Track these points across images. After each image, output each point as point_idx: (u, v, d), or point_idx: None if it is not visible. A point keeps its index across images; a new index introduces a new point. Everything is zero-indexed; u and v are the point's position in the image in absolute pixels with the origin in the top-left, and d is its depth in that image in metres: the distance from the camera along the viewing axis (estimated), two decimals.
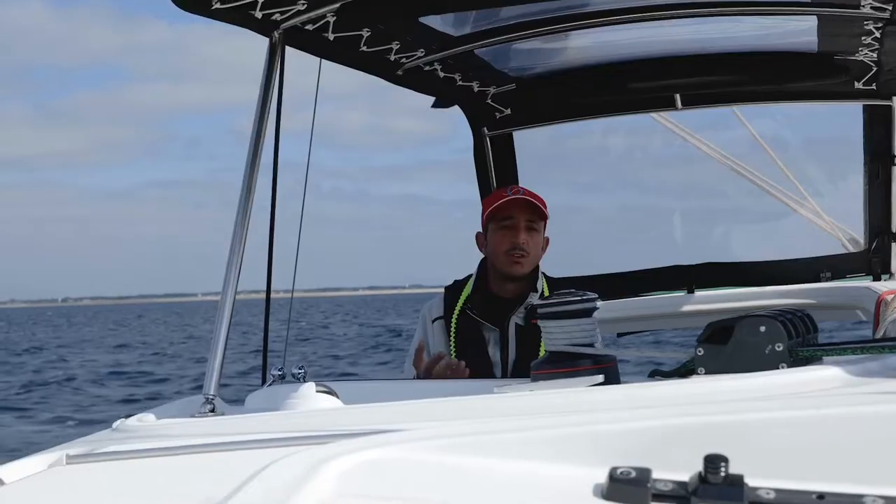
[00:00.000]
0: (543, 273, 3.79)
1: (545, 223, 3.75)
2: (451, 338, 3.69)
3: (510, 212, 3.68)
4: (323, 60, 3.40)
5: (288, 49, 3.03)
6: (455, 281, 3.84)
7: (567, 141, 5.15)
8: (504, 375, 3.62)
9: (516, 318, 3.66)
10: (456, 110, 4.59)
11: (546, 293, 3.68)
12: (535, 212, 3.68)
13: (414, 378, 3.59)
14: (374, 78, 3.74)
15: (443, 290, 3.84)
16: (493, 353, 3.66)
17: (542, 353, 3.55)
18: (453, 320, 3.70)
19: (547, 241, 3.81)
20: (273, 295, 3.18)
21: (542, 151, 5.01)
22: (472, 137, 4.71)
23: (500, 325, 3.68)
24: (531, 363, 2.40)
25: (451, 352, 3.67)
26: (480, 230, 3.83)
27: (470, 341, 3.67)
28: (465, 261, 3.88)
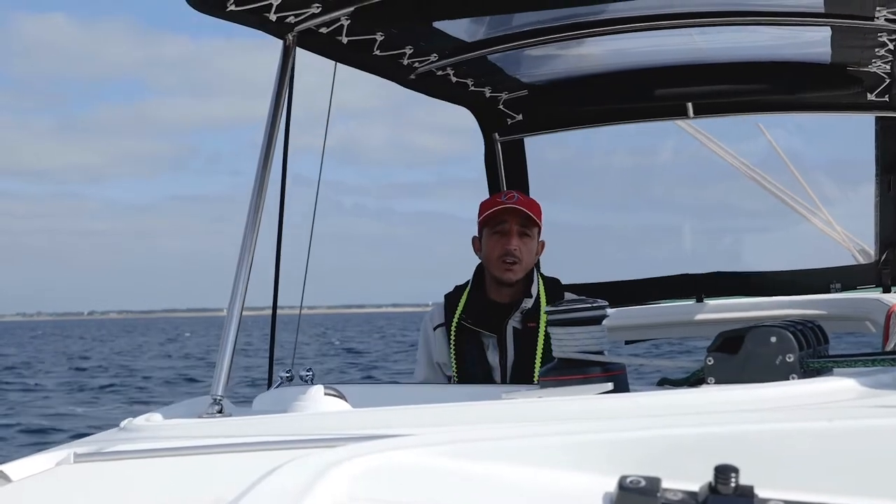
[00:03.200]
0: (541, 275, 3.80)
1: (539, 229, 3.77)
2: (451, 345, 3.72)
3: (503, 218, 3.71)
4: (337, 65, 3.41)
5: (307, 58, 3.04)
6: (455, 287, 3.85)
7: (579, 150, 5.15)
8: (503, 380, 3.65)
9: (513, 322, 3.68)
10: (477, 128, 4.62)
11: (543, 296, 3.69)
12: (527, 218, 3.70)
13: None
14: (394, 94, 3.78)
15: (443, 297, 3.86)
16: (492, 358, 3.68)
17: (538, 356, 3.57)
18: (452, 327, 3.72)
19: (542, 245, 3.82)
20: (291, 311, 3.21)
21: (553, 160, 5.01)
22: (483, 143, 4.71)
23: (498, 330, 3.69)
24: (540, 369, 2.40)
25: (451, 358, 3.70)
26: (476, 235, 3.84)
27: (469, 348, 3.71)
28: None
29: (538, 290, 3.72)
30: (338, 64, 3.45)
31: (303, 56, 3.06)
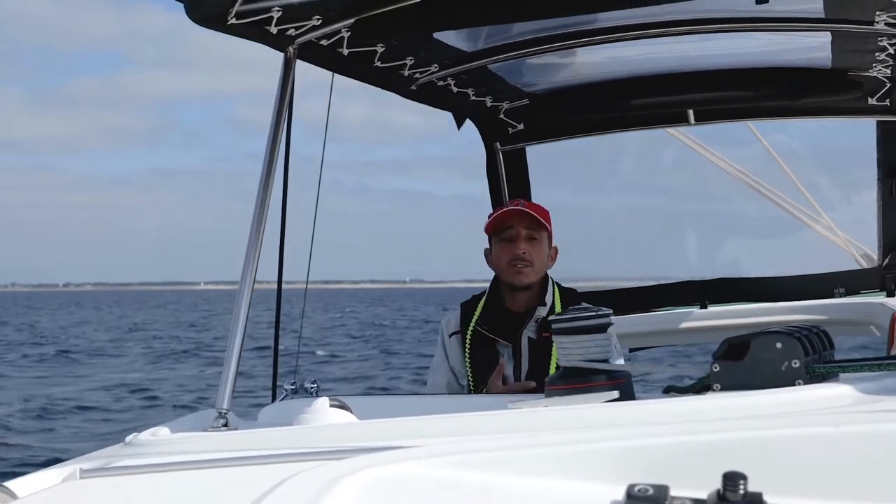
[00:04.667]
0: (557, 283, 3.79)
1: (549, 233, 3.75)
2: (466, 353, 3.70)
3: (509, 223, 3.69)
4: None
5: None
6: (473, 296, 3.85)
7: (579, 154, 5.15)
8: None
9: (528, 332, 3.66)
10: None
11: (558, 304, 3.67)
12: (534, 221, 3.68)
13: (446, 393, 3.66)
14: None
15: (459, 305, 3.86)
16: (507, 367, 3.66)
17: (552, 367, 3.56)
18: (468, 336, 3.71)
19: (556, 250, 3.80)
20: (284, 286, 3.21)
21: (554, 166, 5.01)
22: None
23: (513, 339, 3.67)
24: (545, 378, 2.39)
25: (466, 367, 3.68)
26: (488, 247, 3.83)
27: (484, 356, 3.68)
28: (464, 257, 3.87)
29: (553, 299, 3.71)
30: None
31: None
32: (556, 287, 3.76)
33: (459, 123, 4.49)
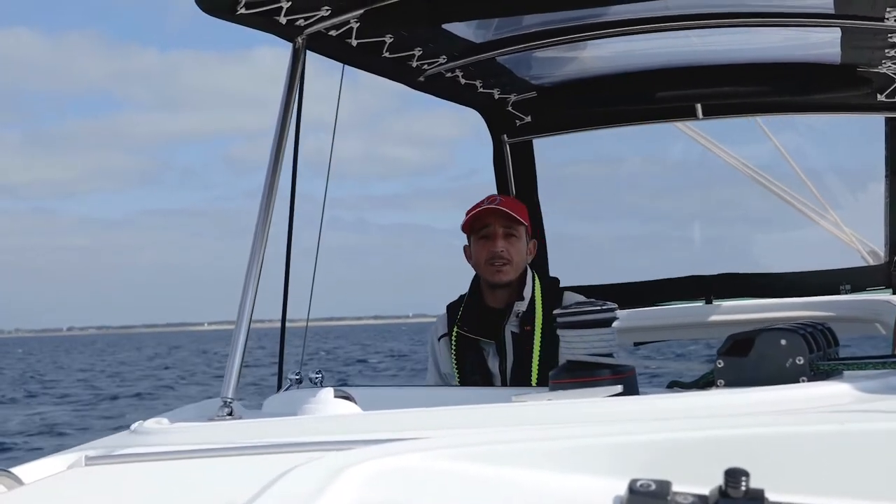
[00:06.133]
0: (535, 274, 3.79)
1: (526, 228, 3.74)
2: (453, 354, 3.72)
3: (486, 221, 3.69)
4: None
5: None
6: (459, 296, 3.86)
7: (586, 150, 5.14)
8: (504, 385, 3.64)
9: (510, 327, 3.68)
10: (457, 142, 4.61)
11: (539, 297, 3.67)
12: (510, 219, 3.67)
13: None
14: (367, 105, 3.74)
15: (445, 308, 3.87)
16: (493, 364, 3.67)
17: (535, 360, 3.56)
18: (453, 337, 3.72)
19: (535, 244, 3.82)
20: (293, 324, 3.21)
21: (560, 163, 5.01)
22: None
23: (496, 335, 3.68)
24: (550, 372, 2.39)
25: (454, 367, 3.71)
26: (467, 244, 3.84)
27: (469, 356, 3.71)
28: (464, 289, 3.88)
29: (533, 292, 3.71)
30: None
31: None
32: (535, 279, 3.76)
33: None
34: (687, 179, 5.31)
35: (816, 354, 2.01)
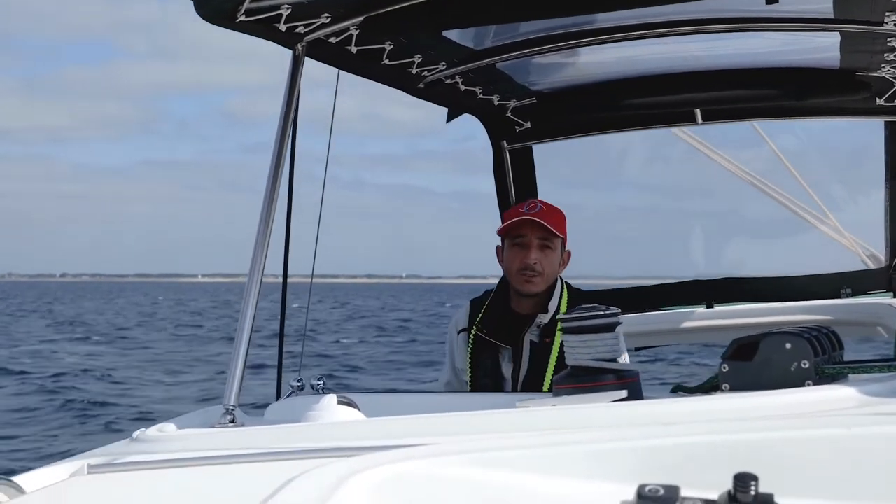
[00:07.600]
0: (567, 285, 3.77)
1: (563, 240, 3.73)
2: (468, 352, 3.70)
3: (522, 230, 3.66)
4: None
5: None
6: (485, 292, 3.84)
7: (586, 153, 5.14)
8: (514, 391, 3.62)
9: (531, 336, 3.65)
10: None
11: (564, 309, 3.65)
12: (547, 231, 3.65)
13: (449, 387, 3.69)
14: None
15: (468, 302, 3.87)
16: (506, 369, 3.66)
17: (549, 371, 3.55)
18: (471, 335, 3.71)
19: (569, 254, 3.78)
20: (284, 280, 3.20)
21: (562, 163, 5.01)
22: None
23: (514, 342, 3.67)
24: (554, 377, 2.38)
25: (467, 365, 3.69)
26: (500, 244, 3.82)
27: (484, 357, 3.69)
28: (461, 254, 3.85)
29: (558, 304, 3.69)
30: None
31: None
32: (564, 290, 3.74)
33: (451, 117, 4.47)
34: (686, 184, 5.32)
35: (822, 358, 2.01)
